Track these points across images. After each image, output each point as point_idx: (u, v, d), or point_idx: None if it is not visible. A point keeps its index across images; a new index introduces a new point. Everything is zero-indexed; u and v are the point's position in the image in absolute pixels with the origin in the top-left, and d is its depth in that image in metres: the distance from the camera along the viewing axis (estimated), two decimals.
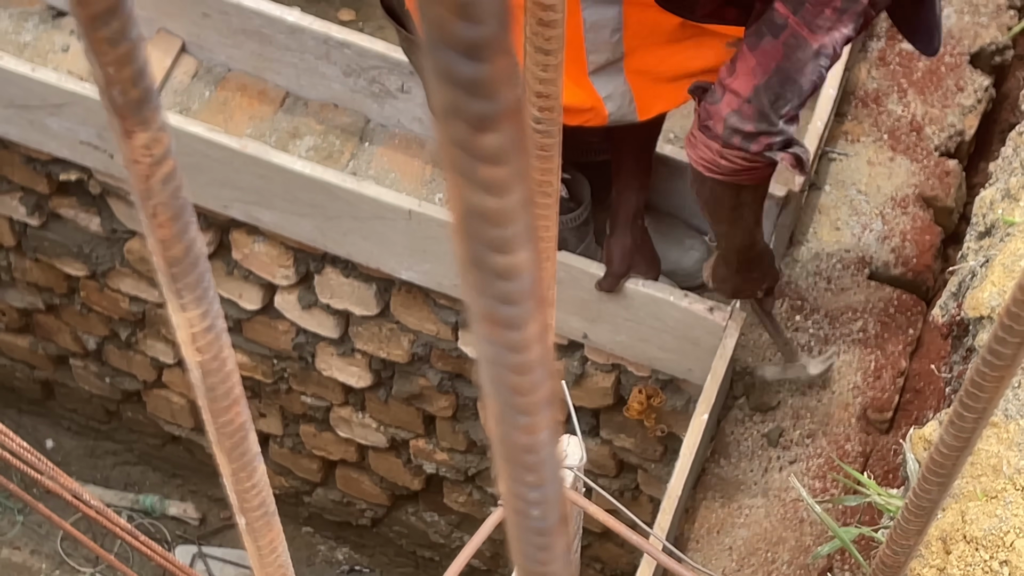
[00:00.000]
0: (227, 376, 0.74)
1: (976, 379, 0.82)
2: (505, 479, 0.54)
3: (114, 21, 0.53)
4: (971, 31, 3.85)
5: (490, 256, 0.45)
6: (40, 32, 3.98)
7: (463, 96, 0.41)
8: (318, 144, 3.84)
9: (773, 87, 2.63)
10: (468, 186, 0.43)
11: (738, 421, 3.51)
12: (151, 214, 0.62)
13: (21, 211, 4.19)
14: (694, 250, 3.56)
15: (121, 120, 0.58)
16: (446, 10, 0.39)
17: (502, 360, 0.49)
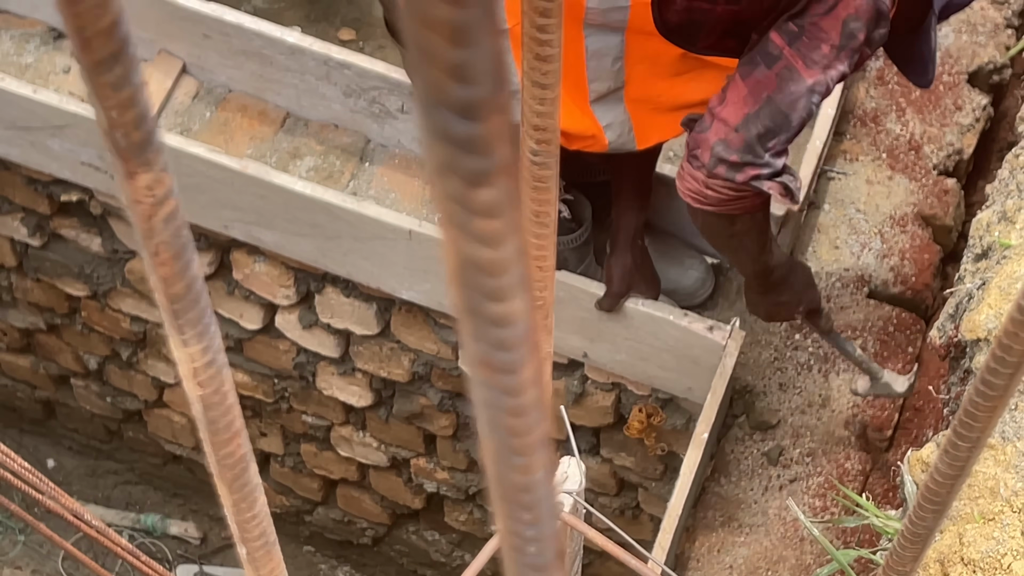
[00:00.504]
0: (228, 409, 0.75)
1: (970, 408, 0.83)
2: (501, 517, 0.55)
3: (117, 67, 0.54)
4: (969, 50, 3.87)
5: (485, 304, 0.46)
6: (41, 54, 4.00)
7: (458, 153, 0.42)
8: (318, 164, 3.86)
9: (763, 118, 2.63)
10: (464, 238, 0.44)
11: (738, 440, 3.51)
12: (153, 252, 0.63)
13: (22, 231, 4.20)
14: (693, 269, 3.57)
15: (124, 162, 0.59)
16: (441, 72, 0.40)
17: (498, 403, 0.50)
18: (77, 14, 0.51)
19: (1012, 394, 0.79)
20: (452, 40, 0.40)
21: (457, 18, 0.40)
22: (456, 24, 0.40)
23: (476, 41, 0.40)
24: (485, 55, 0.41)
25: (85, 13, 0.51)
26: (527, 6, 0.84)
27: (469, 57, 0.40)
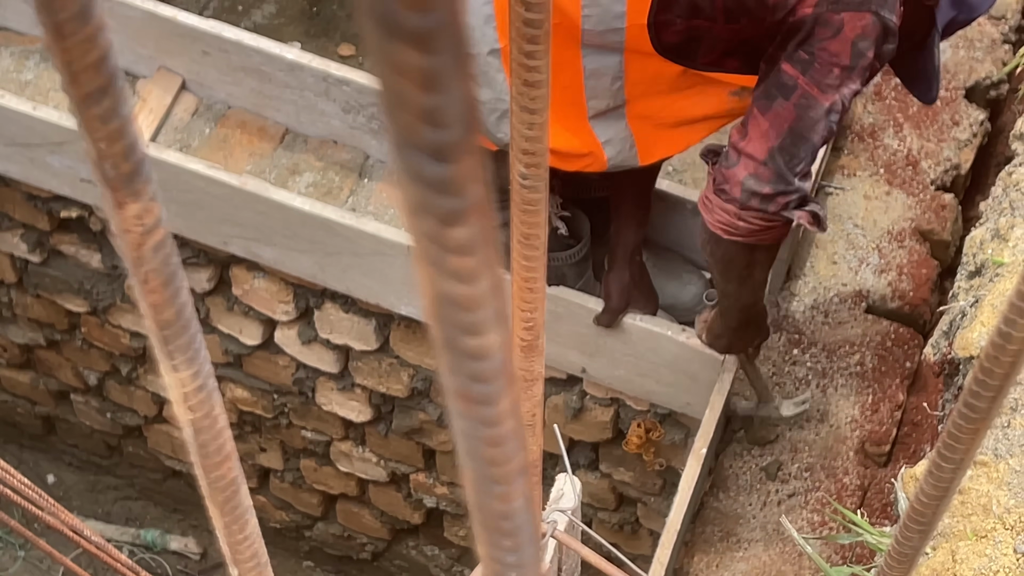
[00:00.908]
0: (219, 433, 0.76)
1: (953, 430, 0.84)
2: (483, 544, 0.56)
3: (105, 100, 0.55)
4: (966, 66, 3.88)
5: (462, 338, 0.47)
6: (41, 70, 4.01)
7: (432, 194, 0.43)
8: (317, 180, 3.87)
9: (787, 148, 2.66)
10: (439, 275, 0.45)
11: (736, 455, 3.52)
12: (143, 280, 0.64)
13: (22, 248, 4.21)
14: (692, 285, 3.58)
15: (113, 192, 0.60)
16: (413, 116, 0.41)
17: (476, 434, 0.51)
18: (66, 49, 0.52)
19: (995, 415, 0.79)
20: (423, 86, 0.41)
21: (428, 65, 0.41)
22: (427, 70, 0.41)
23: (446, 87, 0.41)
24: (456, 100, 0.42)
25: (74, 48, 0.52)
26: (515, 33, 0.85)
27: (440, 102, 0.41)
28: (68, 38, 0.52)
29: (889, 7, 2.66)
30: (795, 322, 3.60)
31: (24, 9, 3.97)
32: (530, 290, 1.06)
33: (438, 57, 0.41)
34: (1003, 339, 0.72)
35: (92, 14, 0.52)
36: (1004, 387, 0.76)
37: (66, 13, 0.51)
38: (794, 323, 3.60)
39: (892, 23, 2.66)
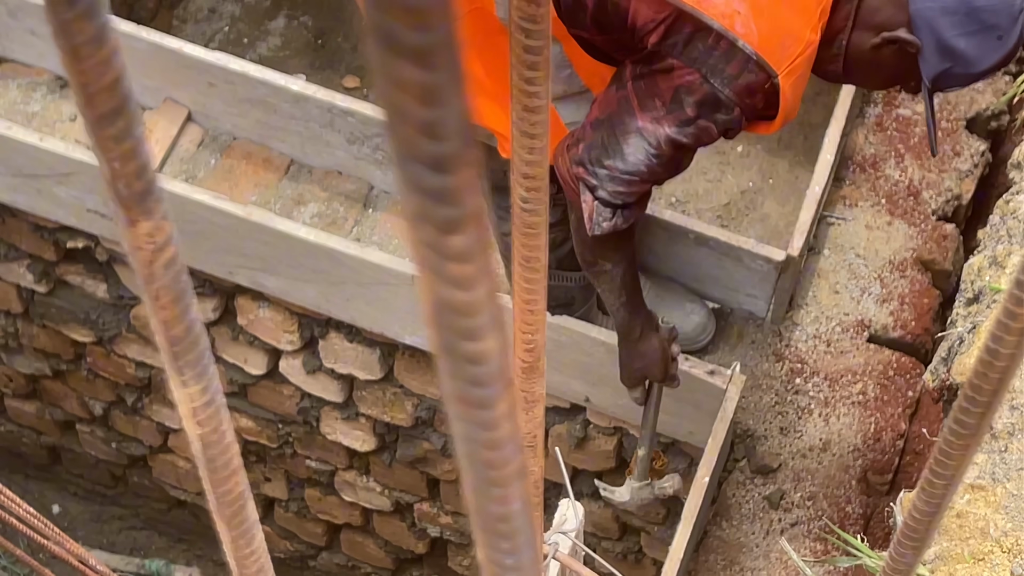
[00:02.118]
0: (226, 448, 0.78)
1: (944, 447, 0.85)
2: (482, 547, 0.58)
3: (119, 120, 0.57)
4: (967, 96, 3.90)
5: (460, 344, 0.49)
6: (48, 102, 4.04)
7: (430, 204, 0.45)
8: (322, 211, 3.89)
9: (600, 130, 2.72)
10: (438, 282, 0.47)
11: (739, 483, 3.53)
12: (154, 297, 0.66)
13: (29, 278, 4.23)
14: (695, 315, 3.59)
15: (126, 211, 0.62)
16: (413, 129, 0.44)
17: (474, 437, 0.53)
18: (82, 71, 0.54)
19: (984, 433, 0.81)
20: (422, 100, 0.44)
21: (427, 80, 0.43)
22: (426, 86, 0.43)
23: (445, 101, 0.44)
24: (454, 114, 0.44)
25: (89, 70, 0.54)
26: (515, 59, 0.88)
27: (438, 116, 0.44)
28: (84, 61, 0.54)
29: (725, 81, 2.65)
30: (797, 351, 3.62)
31: (31, 41, 4.00)
32: (531, 312, 1.08)
33: (437, 73, 0.43)
34: (991, 356, 0.73)
35: (107, 38, 0.54)
36: (993, 404, 0.78)
37: (83, 37, 0.53)
38: (796, 352, 3.62)
39: (725, 96, 2.65)
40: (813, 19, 2.70)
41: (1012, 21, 2.66)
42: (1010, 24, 2.66)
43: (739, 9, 2.68)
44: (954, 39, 2.66)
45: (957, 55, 2.68)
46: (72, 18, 0.53)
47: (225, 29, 5.03)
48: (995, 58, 2.69)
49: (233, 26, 5.04)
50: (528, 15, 0.83)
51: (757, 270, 3.54)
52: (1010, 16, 2.65)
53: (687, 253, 3.59)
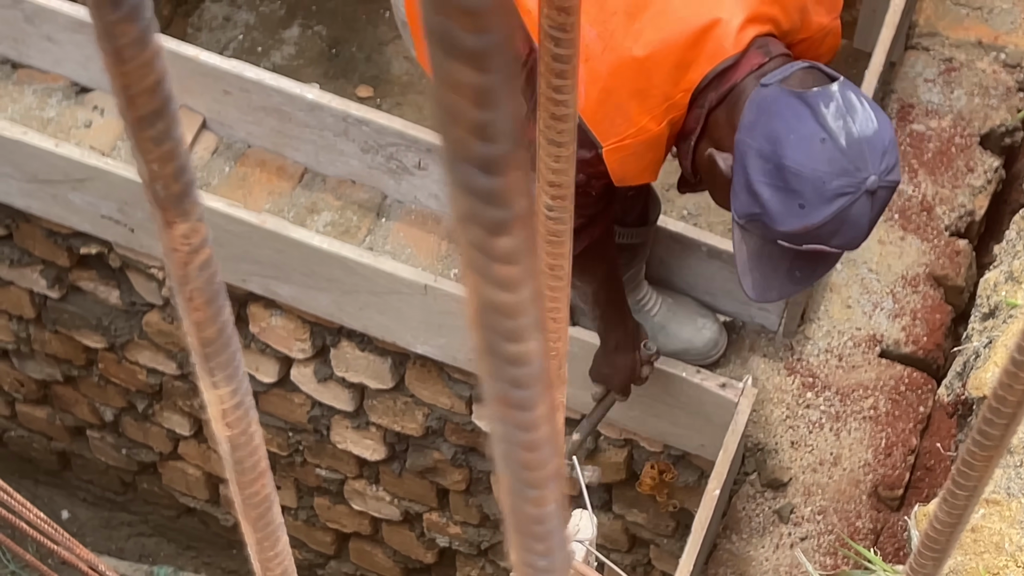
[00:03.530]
0: (254, 450, 0.78)
1: (967, 458, 0.86)
2: (516, 549, 0.58)
3: (160, 122, 0.57)
4: (981, 113, 3.91)
5: (503, 345, 0.49)
6: (63, 108, 4.05)
7: (480, 205, 0.46)
8: (335, 220, 3.90)
9: None
10: (484, 283, 0.47)
11: (750, 497, 3.53)
12: (187, 298, 0.67)
13: (42, 284, 4.24)
14: (706, 329, 3.59)
15: (163, 212, 0.63)
16: (465, 131, 0.44)
17: (513, 438, 0.53)
18: (124, 73, 0.55)
19: (1007, 444, 0.81)
20: (476, 102, 0.44)
21: (481, 82, 0.44)
22: (480, 88, 0.44)
23: (498, 104, 0.44)
24: (506, 116, 0.44)
25: (131, 72, 0.55)
26: (543, 67, 0.88)
27: (491, 118, 0.44)
28: (127, 63, 0.55)
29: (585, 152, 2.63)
30: (809, 365, 3.62)
31: (47, 47, 4.01)
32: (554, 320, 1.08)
33: (491, 76, 0.44)
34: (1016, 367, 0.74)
35: (150, 41, 0.55)
36: (1017, 416, 0.78)
37: (126, 39, 0.54)
38: (808, 367, 3.62)
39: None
40: (655, 110, 2.62)
41: (818, 196, 2.48)
42: (815, 198, 2.48)
43: None
44: (760, 185, 2.53)
45: (762, 203, 2.54)
46: (116, 20, 0.53)
47: (239, 37, 5.05)
48: (796, 225, 2.52)
49: (248, 35, 5.05)
50: (558, 24, 0.84)
51: None
52: (815, 190, 2.48)
53: (700, 266, 3.59)
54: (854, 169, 2.46)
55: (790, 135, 2.48)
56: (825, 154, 2.46)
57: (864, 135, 2.47)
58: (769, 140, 2.49)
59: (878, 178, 2.47)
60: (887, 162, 2.49)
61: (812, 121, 2.47)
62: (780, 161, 2.48)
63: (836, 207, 2.47)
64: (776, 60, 2.60)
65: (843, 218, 2.49)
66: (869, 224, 2.54)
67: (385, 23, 4.68)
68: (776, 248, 2.58)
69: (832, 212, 2.48)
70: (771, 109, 2.51)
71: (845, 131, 2.47)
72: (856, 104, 2.50)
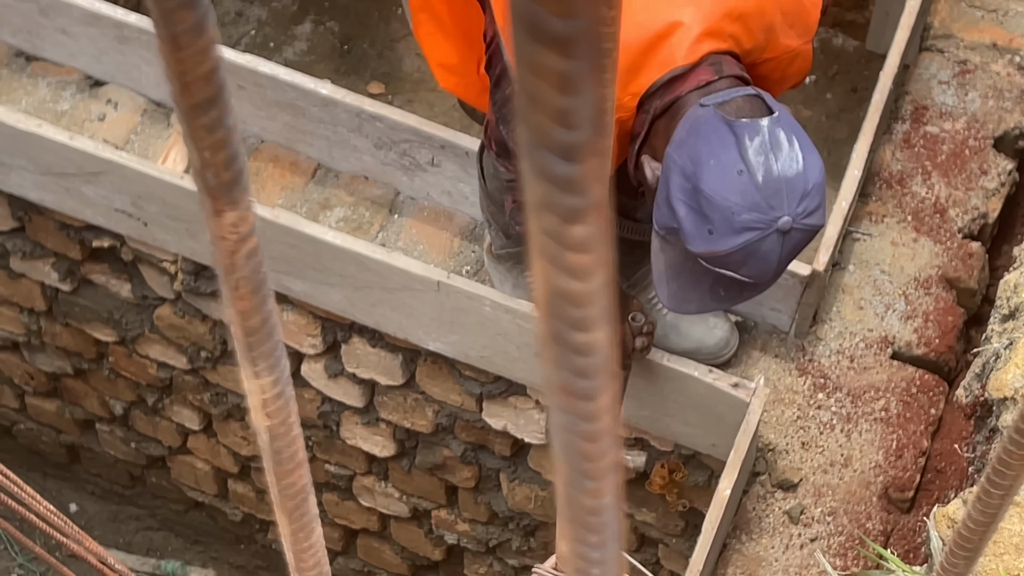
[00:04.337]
0: (293, 440, 0.78)
1: (1004, 456, 0.86)
2: (569, 539, 0.58)
3: (213, 110, 0.57)
4: (995, 115, 3.90)
5: (570, 333, 0.49)
6: (77, 101, 4.05)
7: (557, 192, 0.46)
8: (348, 215, 3.90)
9: None
10: (555, 271, 0.47)
11: (760, 497, 3.53)
12: (233, 287, 0.67)
13: (53, 276, 4.25)
14: (718, 329, 3.59)
15: (212, 200, 0.63)
16: (547, 117, 0.44)
17: (574, 428, 0.53)
18: (180, 60, 0.55)
19: None
20: (559, 88, 0.44)
21: (565, 68, 0.43)
22: (564, 73, 0.44)
23: (582, 90, 0.44)
24: (589, 103, 0.44)
25: (188, 59, 0.55)
26: None
27: (574, 104, 0.44)
28: (184, 49, 0.54)
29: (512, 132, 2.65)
30: (820, 366, 3.62)
31: (61, 40, 4.01)
32: None
33: (577, 62, 0.43)
34: None
35: (207, 27, 0.54)
36: None
37: (183, 25, 0.54)
38: (819, 367, 3.62)
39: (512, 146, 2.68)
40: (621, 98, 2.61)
41: (727, 225, 2.48)
42: (724, 227, 2.48)
43: None
44: (677, 202, 2.53)
45: (678, 219, 2.55)
46: (174, 7, 0.53)
47: (252, 33, 5.04)
48: (704, 248, 2.53)
49: (260, 30, 5.05)
50: None
51: (782, 284, 3.54)
52: (724, 219, 2.49)
53: None
54: (767, 206, 2.46)
55: (710, 160, 2.48)
56: (739, 186, 2.47)
57: (784, 175, 2.47)
58: (692, 161, 2.50)
59: (792, 219, 2.48)
60: (806, 205, 2.49)
61: (735, 151, 2.47)
62: (697, 184, 2.48)
63: (743, 240, 2.48)
64: (725, 81, 2.59)
65: (751, 251, 2.49)
66: (779, 262, 2.54)
67: (397, 20, 4.68)
68: (698, 265, 2.59)
69: (739, 244, 2.49)
70: (700, 131, 2.51)
71: (764, 168, 2.46)
72: (783, 142, 2.49)
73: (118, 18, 3.88)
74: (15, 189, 3.97)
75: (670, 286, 2.65)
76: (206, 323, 4.14)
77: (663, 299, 2.65)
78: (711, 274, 2.59)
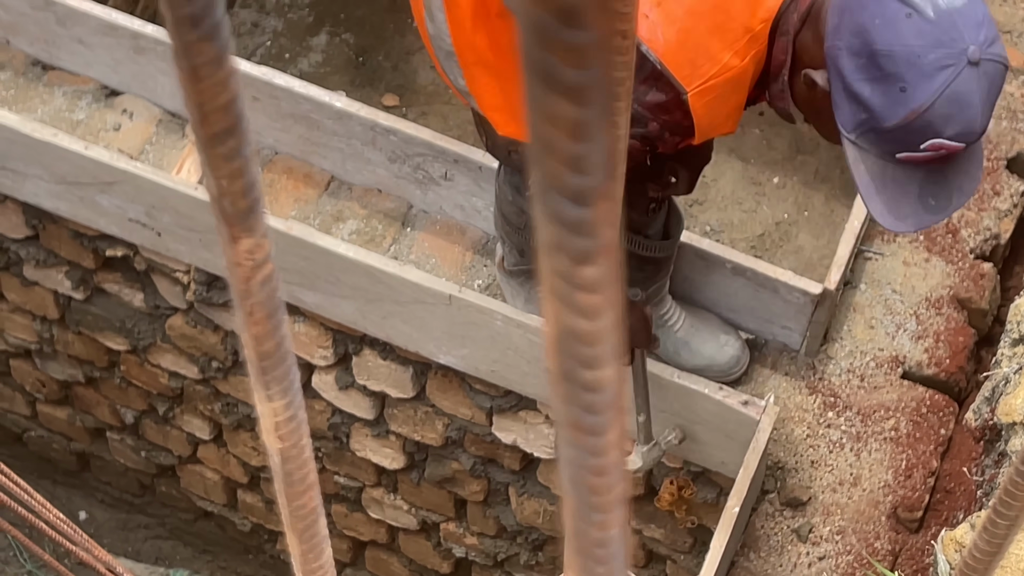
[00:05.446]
0: (304, 463, 0.79)
1: (1010, 488, 0.86)
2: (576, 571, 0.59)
3: (231, 139, 0.58)
4: (1009, 136, 3.91)
5: (580, 371, 0.50)
6: (93, 111, 4.07)
7: (567, 234, 0.47)
8: (361, 228, 3.91)
9: None
10: (565, 310, 0.48)
11: (768, 515, 3.53)
12: (248, 312, 0.67)
13: (66, 284, 4.26)
14: (728, 346, 3.59)
15: (229, 227, 0.63)
16: (559, 162, 0.45)
17: (583, 462, 0.54)
18: (200, 91, 0.56)
19: None
20: (572, 135, 0.45)
21: (579, 116, 0.44)
22: (577, 122, 0.44)
23: (594, 137, 0.45)
24: (600, 149, 0.45)
25: (207, 90, 0.56)
26: None
27: (586, 151, 0.45)
28: (203, 81, 0.55)
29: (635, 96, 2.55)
30: (831, 385, 3.62)
31: (78, 49, 4.03)
32: None
33: (589, 110, 0.44)
34: None
35: (226, 60, 0.55)
36: None
37: (203, 58, 0.55)
38: (830, 386, 3.62)
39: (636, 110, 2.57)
40: (737, 44, 2.54)
41: (916, 72, 2.37)
42: (914, 76, 2.37)
43: (647, 13, 2.52)
44: (857, 84, 2.43)
45: (864, 102, 2.44)
46: (195, 40, 0.54)
47: (267, 44, 5.06)
48: (903, 113, 2.41)
49: (275, 41, 5.07)
50: None
51: (793, 302, 3.55)
52: (911, 66, 2.37)
53: (723, 283, 3.59)
54: (948, 39, 2.37)
55: (875, 20, 2.40)
56: (914, 28, 2.38)
57: (953, 5, 2.38)
58: (856, 34, 2.41)
59: (979, 48, 2.37)
60: (986, 33, 2.38)
61: (894, 1, 2.39)
62: (872, 48, 2.39)
63: (940, 82, 2.37)
64: None
65: (951, 97, 2.37)
66: (981, 103, 2.41)
67: (412, 32, 4.69)
68: (899, 169, 2.47)
69: (937, 88, 2.37)
70: (851, 5, 2.44)
71: (931, 3, 2.38)
72: None
73: (135, 29, 3.90)
74: (30, 197, 3.98)
75: (880, 200, 2.52)
76: (218, 333, 4.15)
77: (877, 217, 2.52)
78: (915, 178, 2.48)
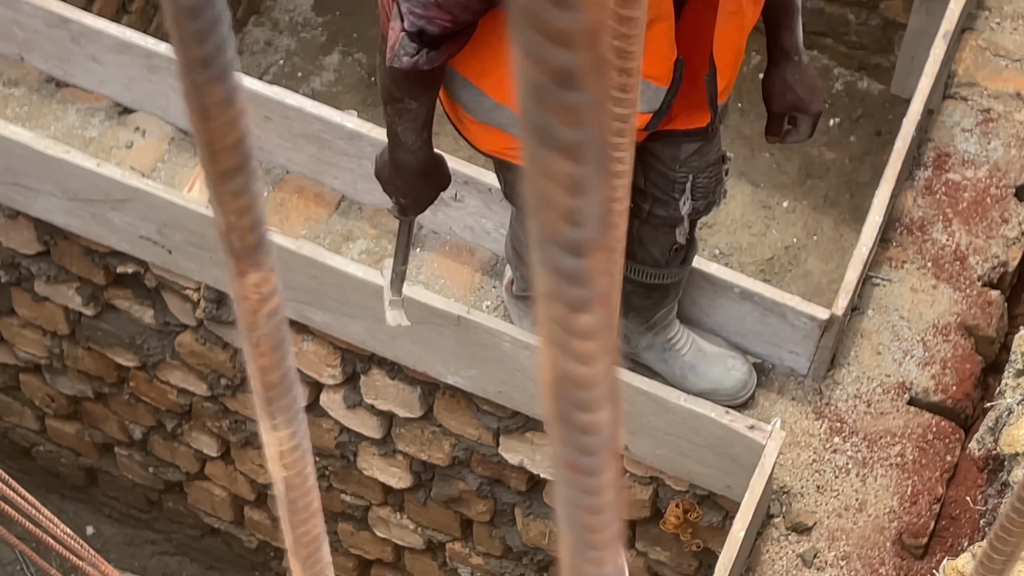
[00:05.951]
0: (308, 491, 0.80)
1: (1006, 523, 0.87)
2: None
3: (240, 177, 0.60)
4: (1017, 164, 3.91)
5: (576, 414, 0.51)
6: (105, 128, 4.09)
7: (564, 284, 0.48)
8: (370, 247, 3.92)
9: None
10: (562, 356, 0.49)
11: (774, 540, 3.54)
12: (254, 344, 0.69)
13: (77, 300, 4.28)
14: (735, 370, 3.60)
15: (236, 262, 0.65)
16: (556, 216, 0.46)
17: (578, 502, 0.55)
18: (209, 130, 0.57)
19: None
20: (569, 190, 0.46)
21: (575, 172, 0.46)
22: (573, 177, 0.46)
23: (589, 191, 0.46)
24: (595, 203, 0.46)
25: (216, 129, 0.57)
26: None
27: (582, 205, 0.46)
28: (213, 120, 0.57)
29: None
30: (837, 411, 3.63)
31: (92, 67, 4.05)
32: None
33: (585, 166, 0.46)
34: None
35: (236, 99, 0.57)
36: None
37: (213, 98, 0.56)
38: (836, 411, 3.63)
39: None
40: None
41: None
42: None
43: None
44: None
45: None
46: (205, 80, 0.56)
47: (280, 62, 5.09)
48: None
49: (288, 60, 5.09)
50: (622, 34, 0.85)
51: (801, 327, 3.56)
52: None
53: (731, 307, 3.60)
54: None
55: None
56: None
57: None
58: None
59: None
60: None
61: None
62: None
63: None
64: None
65: None
66: None
67: None
68: None
69: None
70: None
71: None
72: None
73: (148, 47, 3.92)
74: (42, 214, 4.00)
75: None
76: (227, 351, 4.17)
77: None
78: None
